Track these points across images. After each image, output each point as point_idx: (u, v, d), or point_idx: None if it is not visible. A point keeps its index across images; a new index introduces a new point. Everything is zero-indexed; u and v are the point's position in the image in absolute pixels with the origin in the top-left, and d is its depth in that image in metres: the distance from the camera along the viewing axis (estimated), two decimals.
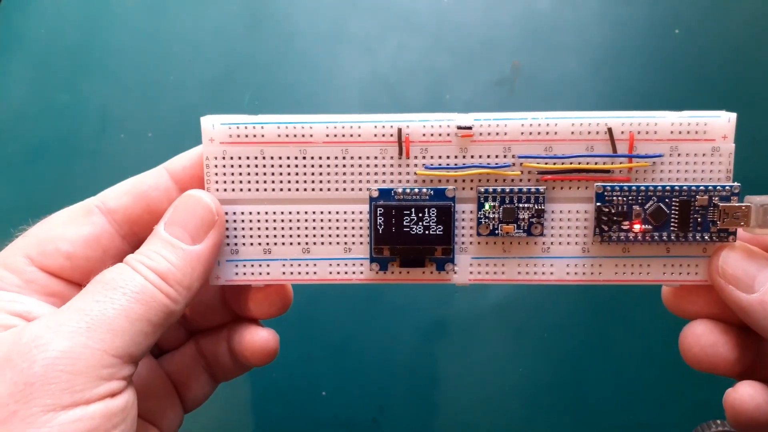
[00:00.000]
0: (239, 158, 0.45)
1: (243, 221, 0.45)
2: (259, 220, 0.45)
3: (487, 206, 0.44)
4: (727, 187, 0.43)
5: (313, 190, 0.45)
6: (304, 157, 0.45)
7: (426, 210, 0.44)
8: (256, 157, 0.45)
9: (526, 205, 0.44)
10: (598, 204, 0.44)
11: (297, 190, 0.45)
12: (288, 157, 0.45)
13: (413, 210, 0.44)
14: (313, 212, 0.45)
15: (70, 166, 0.81)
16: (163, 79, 0.83)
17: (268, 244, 0.46)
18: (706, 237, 0.44)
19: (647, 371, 0.74)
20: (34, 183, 0.81)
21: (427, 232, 0.44)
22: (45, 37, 0.84)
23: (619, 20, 0.82)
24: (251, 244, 0.46)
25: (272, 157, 0.45)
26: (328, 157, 0.45)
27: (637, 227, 0.44)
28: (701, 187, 0.43)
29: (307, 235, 0.45)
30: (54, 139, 0.82)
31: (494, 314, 0.75)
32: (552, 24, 0.82)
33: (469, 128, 0.44)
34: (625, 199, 0.44)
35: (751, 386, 0.43)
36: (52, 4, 0.85)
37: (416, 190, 0.44)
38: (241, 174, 0.45)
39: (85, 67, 0.83)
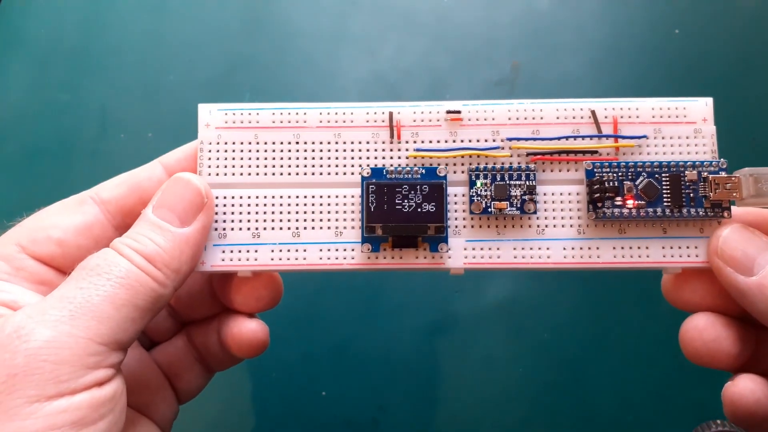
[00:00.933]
0: (233, 143, 0.46)
1: (233, 205, 0.46)
2: (249, 204, 0.45)
3: (479, 183, 0.44)
4: (714, 163, 0.44)
5: (305, 174, 0.45)
6: (297, 142, 0.45)
7: (418, 187, 0.44)
8: (249, 142, 0.46)
9: (517, 182, 0.45)
10: (589, 179, 0.44)
11: (289, 174, 0.45)
12: (281, 142, 0.45)
13: (405, 188, 0.44)
14: (305, 196, 0.45)
15: (69, 166, 0.81)
16: (163, 79, 0.83)
17: (257, 228, 0.45)
18: (701, 212, 0.44)
19: (647, 371, 0.73)
20: (34, 183, 0.81)
21: (419, 209, 0.44)
22: (45, 37, 0.84)
23: (619, 20, 0.82)
24: (240, 228, 0.45)
25: (266, 142, 0.46)
26: (321, 142, 0.45)
27: (630, 203, 0.44)
28: (689, 163, 0.44)
29: (297, 219, 0.45)
30: (54, 139, 0.82)
31: (494, 314, 0.75)
32: (552, 24, 0.82)
33: (458, 112, 0.45)
34: (614, 175, 0.44)
35: (751, 380, 0.43)
36: (52, 4, 0.85)
37: (408, 169, 0.45)
38: (234, 158, 0.46)
39: (85, 67, 0.83)
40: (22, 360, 0.35)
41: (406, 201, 0.44)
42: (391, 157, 0.45)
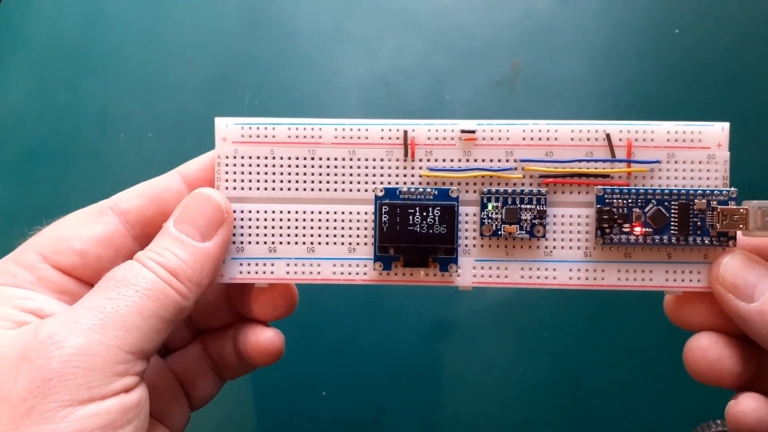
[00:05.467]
0: (250, 157, 0.46)
1: (250, 219, 0.46)
2: (266, 219, 0.46)
3: (490, 206, 0.45)
4: (724, 192, 0.44)
5: (320, 190, 0.46)
6: (313, 158, 0.46)
7: (430, 209, 0.45)
8: (266, 157, 0.46)
9: (528, 206, 0.45)
10: (599, 206, 0.45)
11: (305, 189, 0.46)
12: (297, 158, 0.46)
13: (418, 209, 0.44)
14: (320, 212, 0.46)
15: (70, 166, 0.81)
16: (163, 79, 0.83)
17: (273, 243, 0.46)
18: (707, 241, 0.44)
19: (647, 371, 0.74)
20: (34, 183, 0.80)
21: (430, 231, 0.45)
22: (45, 37, 0.84)
23: (619, 20, 0.82)
24: (257, 242, 0.46)
25: (282, 157, 0.46)
26: (335, 158, 0.46)
27: (638, 230, 0.44)
28: (699, 191, 0.44)
29: (312, 235, 0.46)
30: (54, 139, 0.81)
31: (494, 315, 0.76)
32: (552, 24, 0.82)
33: (473, 132, 0.45)
34: (625, 201, 0.45)
35: (753, 399, 0.43)
36: (52, 4, 0.85)
37: (421, 190, 0.45)
38: (251, 173, 0.46)
39: (85, 67, 0.83)
40: (56, 365, 0.36)
41: (418, 222, 0.44)
42: (405, 176, 0.45)
